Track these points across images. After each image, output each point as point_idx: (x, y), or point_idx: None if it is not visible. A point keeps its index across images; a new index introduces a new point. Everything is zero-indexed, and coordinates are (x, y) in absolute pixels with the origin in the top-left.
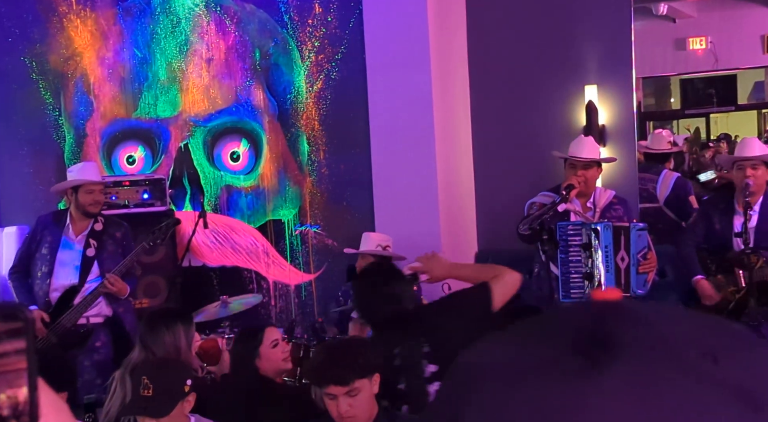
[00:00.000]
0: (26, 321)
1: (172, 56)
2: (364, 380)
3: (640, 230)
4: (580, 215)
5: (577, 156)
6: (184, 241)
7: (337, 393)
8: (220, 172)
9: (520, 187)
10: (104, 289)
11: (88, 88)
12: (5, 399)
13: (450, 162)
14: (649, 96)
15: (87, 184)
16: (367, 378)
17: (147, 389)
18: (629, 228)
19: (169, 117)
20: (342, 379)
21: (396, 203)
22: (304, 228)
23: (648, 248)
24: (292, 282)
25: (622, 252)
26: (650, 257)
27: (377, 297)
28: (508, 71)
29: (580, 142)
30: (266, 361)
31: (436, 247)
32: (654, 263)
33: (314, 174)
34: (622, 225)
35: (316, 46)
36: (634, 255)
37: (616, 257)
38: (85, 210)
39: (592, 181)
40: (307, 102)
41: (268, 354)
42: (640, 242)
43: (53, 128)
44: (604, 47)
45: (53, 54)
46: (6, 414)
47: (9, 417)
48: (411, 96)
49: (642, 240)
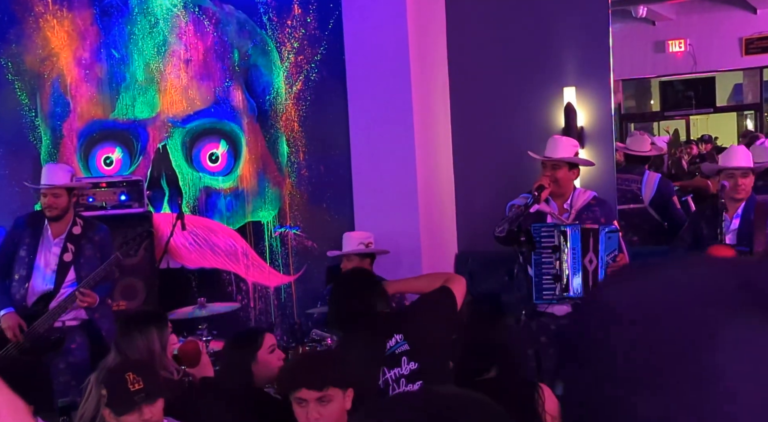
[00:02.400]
0: None
1: (150, 57)
2: (338, 390)
3: (611, 232)
4: (555, 217)
5: (546, 156)
6: (162, 243)
7: (308, 399)
8: (199, 174)
9: (500, 188)
10: (75, 302)
11: (65, 89)
12: None
13: (430, 163)
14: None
15: (41, 189)
16: (342, 390)
17: (136, 383)
18: (598, 230)
19: (147, 118)
20: (315, 383)
21: (376, 204)
22: (284, 230)
23: (619, 250)
24: (271, 284)
25: (590, 255)
26: (620, 259)
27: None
28: (487, 73)
29: (552, 142)
30: (263, 366)
31: (416, 249)
32: None
33: (294, 175)
34: (591, 227)
35: (295, 47)
36: (602, 257)
37: (584, 259)
38: (44, 213)
39: (564, 181)
40: (287, 103)
41: (265, 359)
42: (610, 244)
43: (29, 129)
44: (582, 49)
45: (29, 54)
46: None
47: None
48: (390, 97)
49: (612, 243)
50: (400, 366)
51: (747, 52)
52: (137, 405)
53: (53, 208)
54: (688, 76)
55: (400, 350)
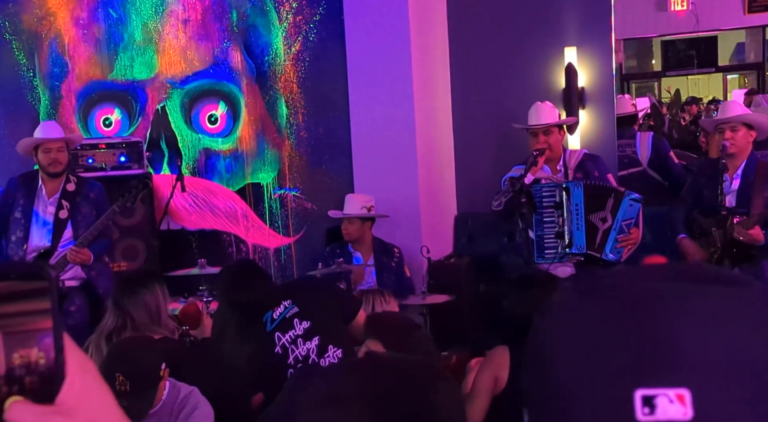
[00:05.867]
0: (51, 280)
1: (148, 17)
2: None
3: (634, 200)
4: (551, 179)
5: (535, 124)
6: (162, 204)
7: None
8: (198, 135)
9: (500, 150)
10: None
11: (63, 49)
12: (17, 358)
13: (429, 124)
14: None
15: (44, 143)
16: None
17: (123, 385)
18: (623, 193)
19: (145, 79)
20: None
21: (375, 166)
22: (283, 192)
23: (635, 223)
24: (271, 245)
25: (607, 214)
26: (633, 232)
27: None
28: (487, 34)
29: (536, 110)
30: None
31: (415, 210)
32: (635, 240)
33: (293, 137)
34: (617, 188)
35: (293, 7)
36: (619, 220)
37: (591, 216)
38: (45, 170)
39: (556, 145)
40: (285, 64)
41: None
42: (629, 211)
43: (27, 89)
44: (583, 9)
45: (26, 14)
46: (20, 374)
47: (23, 376)
48: (390, 58)
49: (632, 211)
50: (293, 328)
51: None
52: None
53: (58, 162)
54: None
55: (291, 313)
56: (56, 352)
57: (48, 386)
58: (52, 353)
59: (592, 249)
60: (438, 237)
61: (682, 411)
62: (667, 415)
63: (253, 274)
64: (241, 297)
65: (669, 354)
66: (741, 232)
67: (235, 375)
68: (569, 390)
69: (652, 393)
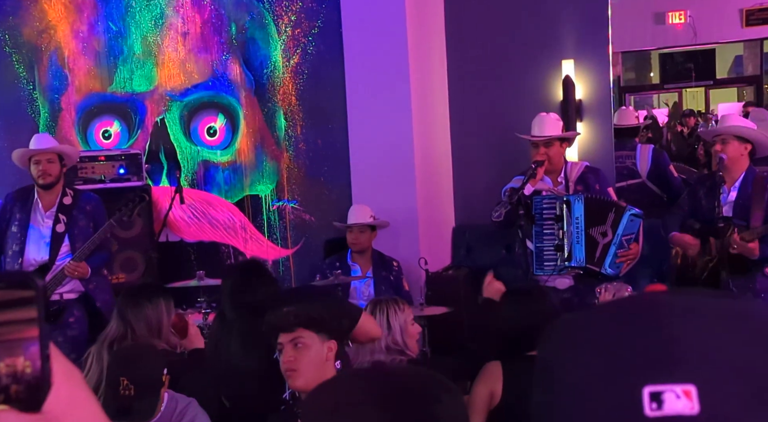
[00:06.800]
0: (37, 289)
1: (148, 30)
2: (311, 333)
3: (635, 215)
4: (552, 191)
5: (536, 135)
6: (161, 216)
7: (283, 342)
8: (197, 147)
9: (498, 162)
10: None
11: (63, 62)
12: (3, 367)
13: (427, 136)
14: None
15: (34, 155)
16: (316, 334)
17: (128, 389)
18: (624, 208)
19: (145, 91)
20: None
21: (373, 178)
22: (282, 204)
23: (635, 239)
24: (269, 257)
25: (607, 228)
26: (633, 247)
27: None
28: (485, 46)
29: (540, 121)
30: None
31: (413, 221)
32: (635, 255)
33: (291, 149)
34: (619, 203)
35: (292, 20)
36: (619, 235)
37: (592, 229)
38: (36, 182)
39: (557, 157)
40: (284, 76)
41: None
42: (630, 226)
43: (27, 102)
44: (581, 22)
45: (27, 27)
46: (6, 383)
47: (9, 385)
48: (388, 70)
49: (633, 226)
50: None
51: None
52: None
53: (47, 174)
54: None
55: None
56: (42, 361)
57: (34, 394)
58: (38, 362)
59: (592, 263)
60: (436, 248)
61: (689, 406)
62: (675, 410)
63: (259, 276)
64: (246, 299)
65: (674, 351)
66: (740, 243)
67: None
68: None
69: (660, 389)
